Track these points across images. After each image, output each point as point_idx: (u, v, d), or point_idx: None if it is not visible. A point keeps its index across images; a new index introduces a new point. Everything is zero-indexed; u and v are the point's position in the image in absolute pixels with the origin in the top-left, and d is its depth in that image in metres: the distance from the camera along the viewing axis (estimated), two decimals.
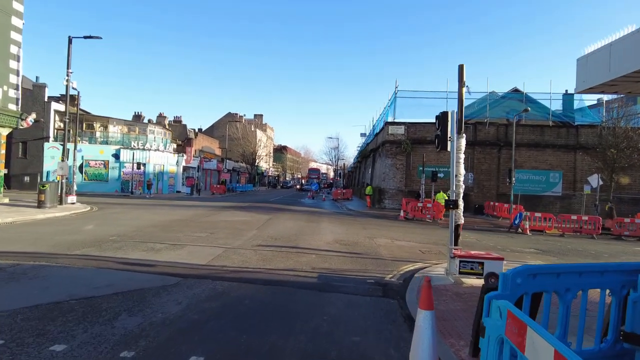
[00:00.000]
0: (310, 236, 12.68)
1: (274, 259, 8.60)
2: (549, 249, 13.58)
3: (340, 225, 16.61)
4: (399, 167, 28.84)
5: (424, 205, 22.83)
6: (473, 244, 13.74)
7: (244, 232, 12.83)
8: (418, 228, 17.79)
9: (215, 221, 15.60)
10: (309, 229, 14.66)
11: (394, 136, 28.88)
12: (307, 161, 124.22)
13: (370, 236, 13.75)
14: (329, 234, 13.63)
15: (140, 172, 38.80)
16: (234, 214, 19.35)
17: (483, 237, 16.36)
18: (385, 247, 11.47)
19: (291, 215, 19.95)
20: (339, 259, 9.08)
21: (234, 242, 10.69)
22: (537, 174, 27.92)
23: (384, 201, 28.99)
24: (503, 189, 28.11)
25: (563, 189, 27.67)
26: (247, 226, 14.32)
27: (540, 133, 28.26)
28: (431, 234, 15.95)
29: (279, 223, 15.91)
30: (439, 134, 7.22)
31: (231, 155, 66.03)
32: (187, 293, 5.77)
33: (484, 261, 6.72)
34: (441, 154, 29.11)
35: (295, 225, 15.40)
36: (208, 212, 19.91)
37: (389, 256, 9.99)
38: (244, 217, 17.48)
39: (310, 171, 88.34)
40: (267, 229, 13.92)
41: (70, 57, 20.24)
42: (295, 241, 11.41)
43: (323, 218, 19.74)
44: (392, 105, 29.97)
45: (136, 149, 38.79)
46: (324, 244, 11.19)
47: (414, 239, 13.98)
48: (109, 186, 38.20)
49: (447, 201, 7.09)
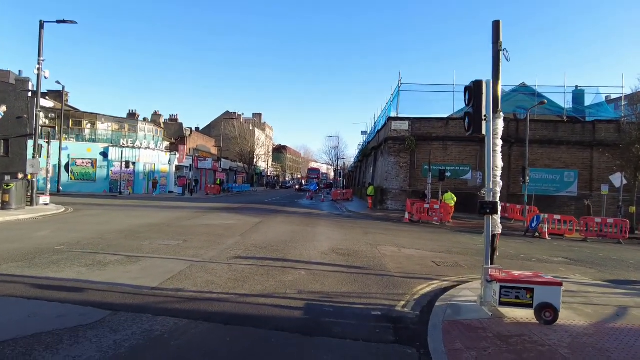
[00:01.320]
0: (303, 244, 10.75)
1: (251, 278, 6.67)
2: (580, 258, 11.65)
3: (338, 230, 14.69)
4: (402, 166, 26.90)
5: (431, 206, 20.90)
6: None
7: (224, 239, 10.90)
8: (426, 232, 15.86)
9: (195, 225, 13.69)
10: (302, 234, 12.73)
11: (397, 132, 26.94)
12: (307, 161, 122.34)
13: (373, 243, 11.83)
14: (325, 240, 11.70)
15: (129, 171, 36.90)
16: (220, 216, 17.43)
17: (499, 242, 14.42)
18: (392, 258, 9.55)
19: (285, 218, 18.02)
20: (335, 277, 7.16)
21: (207, 252, 8.76)
22: (550, 173, 25.96)
23: (386, 202, 27.05)
24: (514, 188, 26.16)
25: (579, 189, 25.70)
26: (230, 231, 12.39)
27: (554, 129, 26.32)
28: (442, 239, 14.02)
29: (269, 227, 13.98)
30: (470, 111, 5.29)
31: (228, 154, 64.17)
32: (105, 342, 3.85)
33: (535, 287, 4.79)
34: (448, 151, 27.29)
35: (287, 230, 13.47)
36: (193, 214, 17.99)
37: (397, 271, 8.07)
38: (230, 221, 15.56)
39: (310, 171, 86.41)
40: (253, 235, 11.98)
41: (41, 43, 18.37)
42: (284, 251, 9.49)
43: (320, 221, 17.81)
44: (395, 100, 28.05)
45: (125, 147, 36.90)
46: (318, 255, 9.26)
47: (423, 246, 12.05)
48: (97, 186, 36.33)
49: (483, 204, 5.15)
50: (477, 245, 13.22)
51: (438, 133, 26.81)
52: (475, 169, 26.48)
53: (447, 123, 26.90)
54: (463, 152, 26.70)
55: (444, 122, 26.94)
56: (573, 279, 8.29)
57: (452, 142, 26.66)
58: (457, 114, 28.32)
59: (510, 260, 10.49)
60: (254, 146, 67.81)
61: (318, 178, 79.78)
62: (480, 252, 12.44)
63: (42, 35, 18.33)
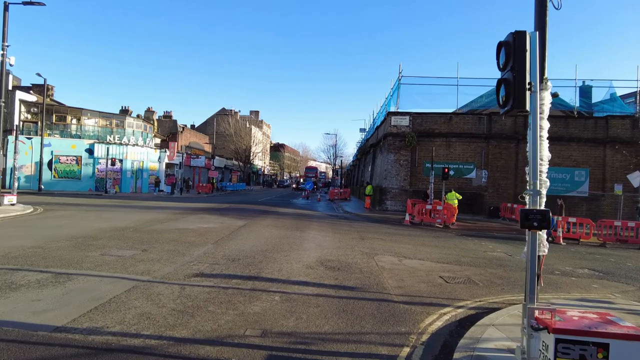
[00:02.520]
0: (286, 254, 9.08)
1: (203, 309, 4.99)
2: (608, 269, 10.02)
3: (332, 234, 13.02)
4: (402, 164, 25.24)
5: (434, 207, 19.25)
6: (503, 261, 10.18)
7: (193, 248, 9.22)
8: (429, 237, 14.21)
9: (166, 230, 11.99)
10: (289, 241, 11.05)
11: (397, 128, 25.27)
12: (306, 160, 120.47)
13: (370, 252, 10.17)
14: (314, 249, 10.03)
15: (116, 169, 35.20)
16: (202, 218, 15.75)
17: (510, 248, 12.87)
18: (391, 273, 7.89)
19: (274, 221, 16.34)
20: (317, 304, 5.49)
21: (163, 268, 7.09)
22: (560, 172, 24.29)
23: (385, 202, 25.40)
24: (521, 188, 24.37)
25: (590, 189, 24.07)
26: (203, 238, 10.71)
27: (564, 125, 24.64)
28: (447, 246, 12.37)
29: (251, 232, 12.29)
30: (509, 77, 3.60)
31: (223, 152, 62.46)
32: None
33: (610, 342, 3.15)
34: (451, 148, 25.67)
35: (272, 236, 11.78)
36: (171, 216, 16.31)
37: (399, 292, 6.41)
38: (209, 224, 13.87)
39: (307, 169, 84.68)
40: (230, 242, 10.29)
41: (6, 27, 16.64)
42: (260, 265, 7.81)
43: (312, 224, 16.13)
44: (395, 94, 26.35)
45: (112, 144, 35.17)
46: (302, 270, 7.59)
47: (427, 255, 10.40)
48: (82, 184, 34.60)
49: (528, 214, 3.44)
50: (487, 253, 11.61)
51: (441, 129, 25.14)
52: (480, 168, 24.84)
53: (450, 118, 25.24)
54: (467, 150, 25.04)
55: (447, 118, 25.27)
56: (619, 303, 6.64)
57: (455, 138, 25.00)
58: (461, 109, 26.66)
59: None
60: (250, 144, 66.06)
61: (315, 177, 78.10)
62: (493, 262, 10.79)
63: (6, 18, 16.60)
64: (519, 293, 7.07)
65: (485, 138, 24.74)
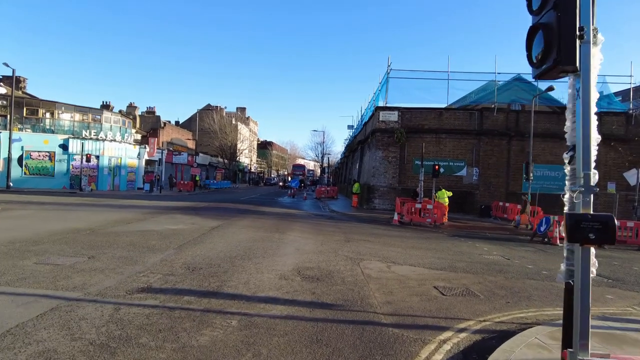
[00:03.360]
0: (259, 261, 7.90)
1: (130, 343, 3.77)
2: (617, 275, 9.10)
3: (314, 237, 11.87)
4: (391, 161, 24.23)
5: (423, 206, 18.27)
6: (501, 266, 9.16)
7: (150, 254, 7.97)
8: (420, 239, 13.19)
9: (128, 232, 10.68)
10: (265, 245, 9.86)
11: (386, 124, 24.24)
12: (294, 157, 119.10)
13: (355, 256, 9.06)
14: (293, 254, 8.86)
15: (92, 165, 33.47)
16: (173, 218, 14.44)
17: (507, 250, 11.94)
18: (379, 283, 6.79)
19: (252, 221, 15.11)
20: (284, 333, 4.33)
21: (105, 280, 5.85)
22: (553, 170, 23.62)
23: (373, 201, 24.37)
24: (513, 186, 23.76)
25: None
26: (166, 242, 9.44)
27: (557, 121, 23.90)
28: (440, 248, 11.35)
29: (224, 235, 11.05)
30: (549, 21, 2.49)
31: (207, 149, 60.78)
32: None
33: None
34: (441, 145, 24.74)
35: (247, 239, 10.57)
36: (141, 215, 14.97)
37: (388, 311, 5.30)
38: (179, 225, 12.58)
39: (295, 167, 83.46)
40: (196, 247, 9.05)
41: None
42: (224, 276, 6.61)
43: (295, 224, 14.96)
44: (383, 88, 25.30)
45: (88, 139, 33.41)
46: (274, 282, 6.42)
47: (419, 259, 9.34)
48: (56, 181, 32.80)
49: (580, 220, 2.35)
50: (483, 256, 10.61)
51: (431, 125, 24.18)
52: (471, 165, 23.98)
53: (440, 114, 24.30)
54: (458, 146, 24.15)
55: (438, 113, 24.33)
56: None
57: (446, 134, 24.09)
58: (452, 105, 25.79)
59: (534, 281, 7.88)
60: (235, 141, 64.47)
61: (303, 175, 76.97)
62: (491, 267, 9.69)
63: None
64: (527, 308, 6.03)
65: (477, 134, 23.88)
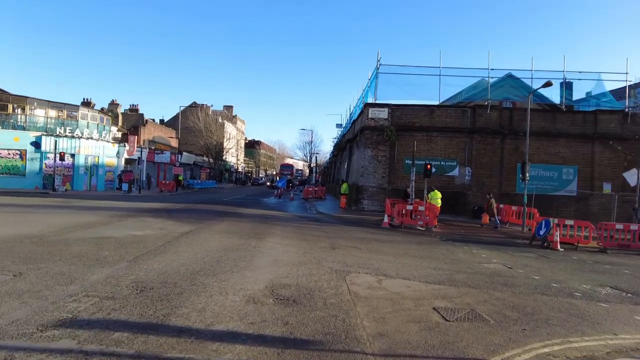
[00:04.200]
0: (226, 277, 6.66)
1: None
2: (635, 288, 8.07)
3: (297, 243, 10.66)
4: (380, 160, 23.14)
5: (415, 208, 17.23)
6: (505, 277, 8.09)
7: (95, 269, 6.66)
8: (412, 244, 12.10)
9: (80, 240, 9.29)
10: (238, 254, 8.62)
11: (375, 121, 23.15)
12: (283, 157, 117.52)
13: (341, 268, 7.88)
14: (268, 267, 7.64)
15: (67, 164, 31.71)
16: (142, 222, 13.07)
17: (507, 257, 10.96)
18: (369, 305, 5.63)
19: (230, 225, 13.83)
20: None
21: (19, 309, 4.53)
22: (548, 169, 22.81)
23: (362, 202, 23.25)
24: (507, 187, 22.88)
25: (579, 188, 22.64)
26: (122, 252, 8.13)
27: (552, 120, 23.15)
28: (435, 255, 10.26)
29: (193, 243, 9.76)
30: None
31: (193, 148, 59.09)
32: None
33: None
34: (432, 143, 23.74)
35: (219, 247, 9.30)
36: (107, 219, 13.56)
37: (380, 349, 4.12)
38: (145, 231, 11.23)
39: (283, 167, 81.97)
40: (156, 258, 7.76)
41: None
42: (178, 298, 5.35)
43: (276, 229, 13.72)
44: (373, 84, 24.20)
45: (62, 137, 31.62)
46: (238, 307, 5.19)
47: (414, 270, 8.22)
48: (27, 181, 30.95)
49: None
50: (483, 265, 9.55)
51: (422, 122, 23.16)
52: (464, 164, 23.03)
53: (432, 111, 23.30)
54: (450, 145, 23.18)
55: (429, 110, 23.32)
56: None
57: (437, 133, 23.09)
58: (446, 101, 24.83)
59: (546, 297, 6.85)
60: (222, 139, 62.82)
61: (291, 174, 75.58)
62: (494, 279, 8.31)
63: None
64: (549, 338, 4.92)
65: (469, 132, 22.95)
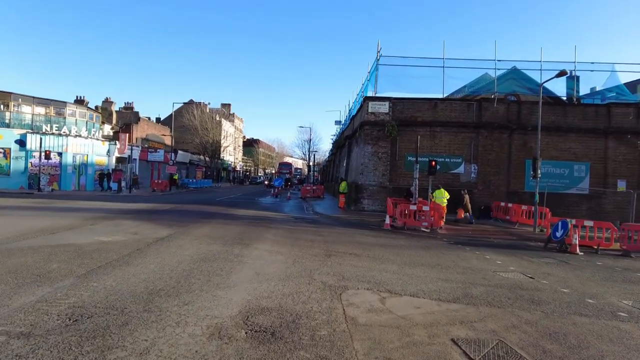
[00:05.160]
0: (191, 298, 5.36)
1: None
2: None
3: (286, 250, 9.36)
4: (381, 157, 21.85)
5: (419, 208, 15.95)
6: (529, 289, 6.79)
7: (32, 287, 5.36)
8: (418, 249, 10.82)
9: (33, 248, 7.95)
10: (213, 266, 7.32)
11: (376, 116, 21.84)
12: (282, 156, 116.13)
13: (336, 282, 6.60)
14: (247, 283, 6.34)
15: (54, 163, 30.40)
16: (115, 226, 11.75)
17: (524, 264, 9.74)
18: (369, 338, 4.33)
19: (214, 229, 12.49)
20: None
21: None
22: (558, 166, 21.52)
23: (362, 201, 21.97)
24: (515, 185, 21.58)
25: (591, 185, 21.36)
26: (75, 264, 6.82)
27: (562, 113, 21.85)
28: (445, 263, 8.96)
29: (165, 251, 8.44)
30: None
31: (188, 146, 57.75)
32: None
33: None
34: (436, 139, 22.43)
35: (193, 257, 7.98)
36: (79, 222, 12.25)
37: None
38: (114, 236, 9.90)
39: (281, 165, 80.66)
40: (113, 272, 6.45)
41: None
42: (118, 333, 4.07)
43: (267, 232, 12.43)
44: (372, 77, 22.89)
45: (49, 134, 30.30)
46: (197, 344, 3.90)
47: (422, 283, 6.94)
48: (12, 181, 29.63)
49: None
50: (499, 274, 8.30)
51: (425, 117, 21.85)
52: (469, 161, 21.74)
53: (435, 105, 21.97)
54: (454, 141, 21.88)
55: (432, 104, 22.00)
56: None
57: (441, 128, 21.78)
58: (452, 95, 23.51)
59: (586, 319, 5.60)
60: (219, 138, 61.45)
61: (290, 173, 74.28)
62: (517, 293, 6.82)
63: None
64: None
65: (475, 127, 21.64)
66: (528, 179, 21.51)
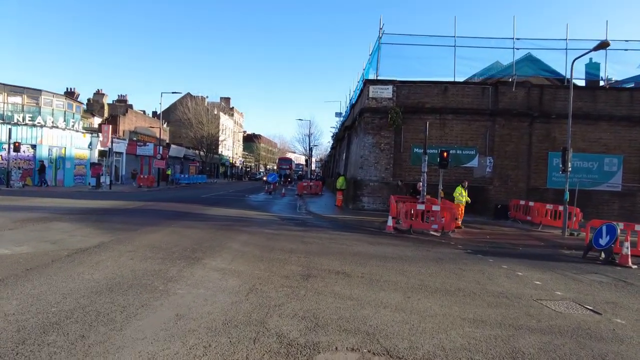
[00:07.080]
0: None
1: None
2: None
3: (249, 268, 6.80)
4: (383, 149, 19.20)
5: (428, 207, 13.34)
6: (608, 343, 4.15)
7: None
8: (428, 261, 8.22)
9: None
10: (114, 302, 4.77)
11: (377, 101, 19.18)
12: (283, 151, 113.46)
13: (302, 335, 4.01)
14: (152, 339, 3.79)
15: (26, 156, 27.99)
16: (41, 230, 9.23)
17: (571, 285, 7.13)
18: None
19: (168, 235, 9.93)
20: None
21: None
22: (586, 159, 18.79)
23: (361, 199, 19.35)
24: (536, 181, 18.89)
25: (624, 181, 18.62)
26: None
27: (591, 98, 19.06)
28: (467, 287, 6.34)
29: (68, 271, 5.86)
30: None
31: (184, 140, 55.31)
32: None
33: None
34: (446, 128, 19.75)
35: (103, 281, 5.44)
36: (9, 224, 9.81)
37: None
38: (21, 247, 7.34)
39: (281, 161, 78.14)
40: None
41: None
42: None
43: (236, 239, 9.84)
44: (374, 58, 20.18)
45: (21, 125, 27.86)
46: None
47: (442, 330, 4.30)
48: None
49: None
50: (544, 303, 5.82)
51: (433, 103, 19.15)
52: (484, 154, 19.04)
53: (445, 89, 19.26)
54: (467, 130, 19.18)
55: (442, 88, 19.28)
56: None
57: (452, 115, 19.09)
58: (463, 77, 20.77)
59: None
60: (216, 132, 58.89)
61: (290, 169, 71.80)
62: (586, 345, 4.71)
63: None
64: None
65: (491, 115, 18.91)
66: (551, 173, 18.83)
